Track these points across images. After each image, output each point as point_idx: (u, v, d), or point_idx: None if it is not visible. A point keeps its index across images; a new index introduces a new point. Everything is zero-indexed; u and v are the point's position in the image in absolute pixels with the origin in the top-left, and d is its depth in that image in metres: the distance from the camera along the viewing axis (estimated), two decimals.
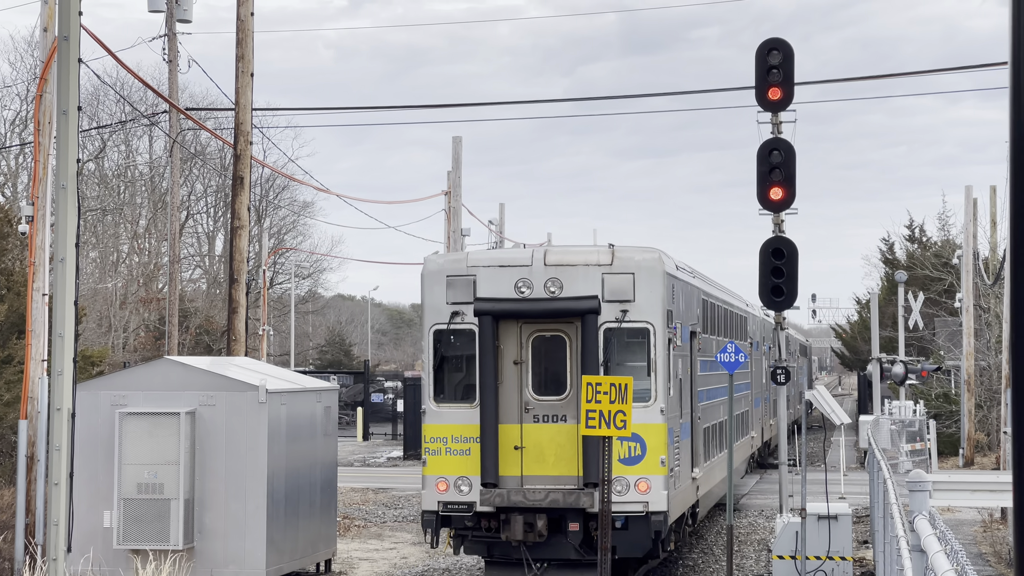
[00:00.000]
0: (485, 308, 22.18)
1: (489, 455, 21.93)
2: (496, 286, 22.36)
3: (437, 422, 22.62)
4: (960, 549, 7.74)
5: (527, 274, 22.33)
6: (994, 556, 27.57)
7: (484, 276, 22.47)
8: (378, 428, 68.84)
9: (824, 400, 27.07)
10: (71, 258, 16.47)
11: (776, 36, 22.62)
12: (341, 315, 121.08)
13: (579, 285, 22.25)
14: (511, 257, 22.95)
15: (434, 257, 23.64)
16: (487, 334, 22.17)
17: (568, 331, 22.55)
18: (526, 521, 21.90)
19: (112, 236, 72.25)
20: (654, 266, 22.59)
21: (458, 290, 22.50)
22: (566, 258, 22.54)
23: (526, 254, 22.91)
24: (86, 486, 21.74)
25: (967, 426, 50.59)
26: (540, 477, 22.19)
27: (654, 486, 22.12)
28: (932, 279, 66.87)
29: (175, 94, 39.00)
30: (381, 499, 39.09)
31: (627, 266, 22.37)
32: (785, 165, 22.36)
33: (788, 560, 24.16)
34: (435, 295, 22.67)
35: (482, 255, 23.80)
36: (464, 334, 22.59)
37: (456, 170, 36.96)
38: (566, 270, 22.36)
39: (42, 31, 24.19)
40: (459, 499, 22.22)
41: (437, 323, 22.65)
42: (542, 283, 22.27)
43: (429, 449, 22.72)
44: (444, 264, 22.97)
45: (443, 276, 22.69)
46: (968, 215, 52.74)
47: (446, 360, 22.91)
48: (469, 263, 22.78)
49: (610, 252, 22.46)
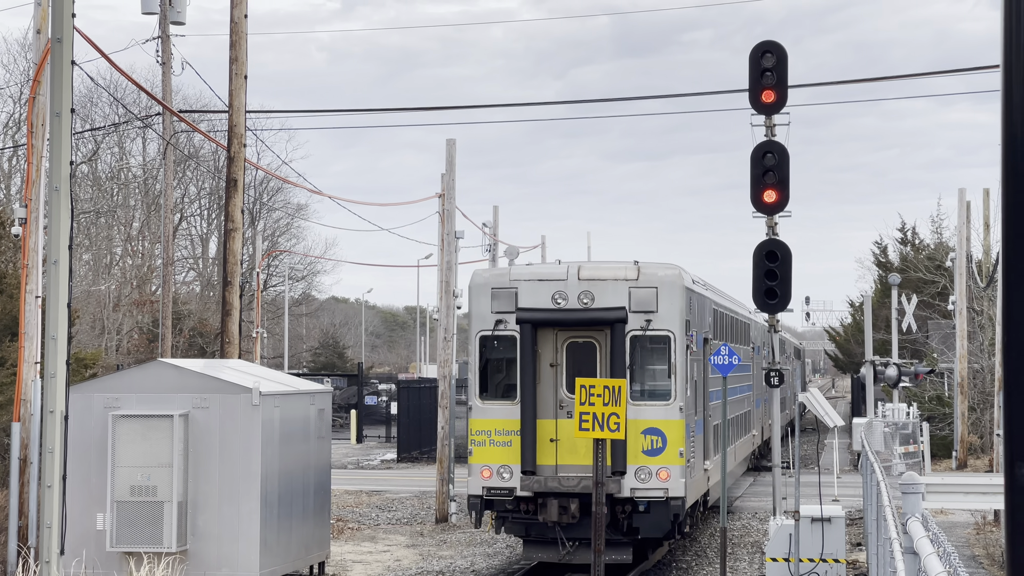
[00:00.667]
0: (526, 317, 25.22)
1: (528, 446, 24.97)
2: (535, 297, 25.40)
3: (482, 417, 25.77)
4: (953, 551, 7.75)
5: (563, 287, 25.39)
6: (987, 558, 27.59)
7: (525, 289, 25.55)
8: (372, 431, 68.82)
9: (817, 403, 27.07)
10: (64, 260, 16.46)
11: (769, 39, 22.64)
12: (335, 317, 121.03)
13: (608, 297, 25.24)
14: (548, 272, 25.86)
15: (480, 272, 26.63)
16: (527, 340, 25.22)
17: (598, 338, 25.47)
18: (560, 505, 24.86)
19: (105, 238, 72.19)
20: (675, 281, 25.57)
21: (502, 301, 25.55)
22: (597, 273, 25.53)
23: (562, 269, 25.71)
24: (79, 489, 21.71)
25: (960, 428, 50.63)
26: (573, 466, 25.04)
27: (673, 475, 25.00)
28: (925, 282, 66.92)
29: (168, 96, 38.97)
30: (375, 501, 39.07)
31: (651, 281, 25.41)
32: (779, 168, 22.37)
33: (782, 563, 24.17)
34: (481, 305, 25.75)
35: (523, 270, 26.70)
36: (506, 340, 25.63)
37: (450, 172, 36.95)
38: (597, 284, 25.38)
39: (35, 33, 24.17)
40: (501, 485, 25.30)
41: (483, 330, 25.74)
42: (576, 295, 25.33)
43: (475, 441, 25.86)
44: (489, 278, 26.04)
45: (488, 288, 25.76)
46: (961, 218, 52.79)
47: (490, 362, 26.00)
48: (511, 277, 25.89)
49: (636, 268, 25.50)
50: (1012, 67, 4.20)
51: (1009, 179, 4.34)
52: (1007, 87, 4.26)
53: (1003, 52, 4.25)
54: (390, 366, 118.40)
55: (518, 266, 28.58)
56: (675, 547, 30.56)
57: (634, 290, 25.39)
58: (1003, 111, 4.30)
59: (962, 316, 51.46)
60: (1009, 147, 4.28)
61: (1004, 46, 4.24)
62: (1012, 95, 4.24)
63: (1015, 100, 4.26)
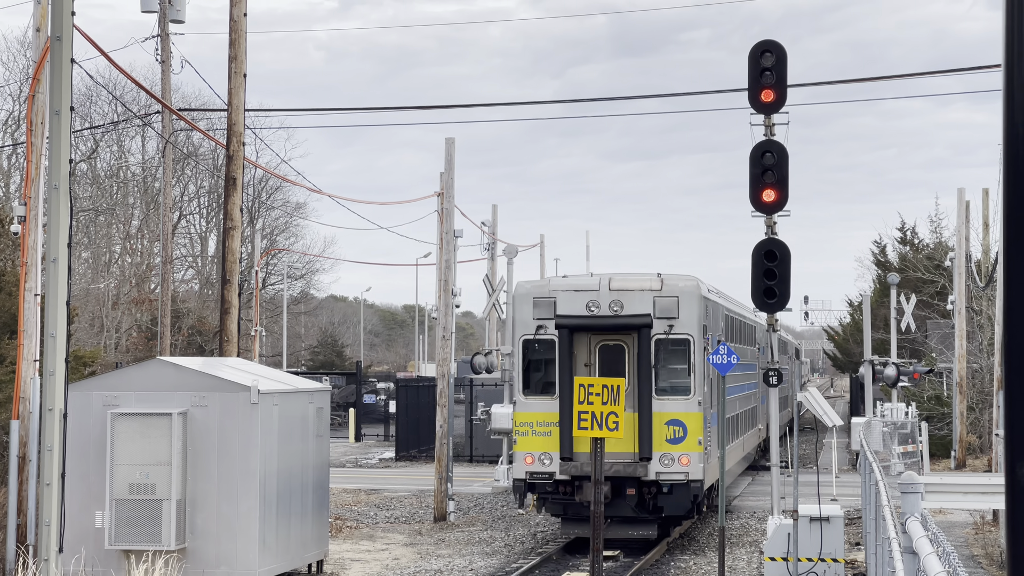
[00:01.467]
0: (563, 323, 28.43)
1: (566, 436, 27.78)
2: (571, 306, 28.58)
3: (525, 410, 28.87)
4: (952, 551, 7.75)
5: (596, 297, 28.58)
6: (986, 558, 27.59)
7: (562, 298, 28.76)
8: (370, 429, 68.80)
9: (816, 402, 27.07)
10: (63, 258, 16.45)
11: (768, 38, 22.60)
12: (333, 316, 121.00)
13: (635, 305, 28.49)
14: (583, 283, 28.92)
15: (523, 283, 29.97)
16: (564, 343, 28.46)
17: (627, 341, 28.68)
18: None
19: (104, 236, 72.18)
20: (693, 291, 28.83)
21: (542, 309, 28.80)
22: (625, 284, 28.76)
23: (595, 281, 28.94)
24: (78, 486, 21.71)
25: (959, 428, 50.63)
26: (607, 454, 26.68)
27: (693, 460, 28.27)
28: (924, 281, 66.91)
29: (168, 95, 38.96)
30: (373, 500, 39.06)
31: (672, 291, 28.73)
32: (778, 167, 22.35)
33: (780, 562, 24.17)
34: (524, 312, 28.98)
35: (561, 282, 29.54)
36: (546, 343, 28.86)
37: (449, 171, 36.94)
38: (625, 294, 28.62)
39: (35, 31, 24.14)
40: (542, 470, 28.49)
41: (525, 334, 28.96)
42: (607, 303, 28.58)
43: (518, 431, 28.91)
44: (531, 289, 29.35)
45: (530, 298, 28.99)
46: (961, 218, 52.78)
47: (532, 362, 29.09)
48: (551, 288, 29.14)
49: (659, 280, 28.87)
50: (1014, 66, 4.20)
51: (1010, 178, 4.34)
52: (1008, 87, 4.26)
53: (1004, 51, 4.24)
54: (389, 365, 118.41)
55: (556, 278, 30.97)
56: (673, 545, 30.58)
57: (658, 299, 28.61)
58: (1004, 111, 4.30)
59: (961, 316, 51.46)
60: (1011, 146, 4.27)
61: (1005, 44, 4.23)
62: (1013, 94, 4.24)
63: (1016, 100, 4.25)
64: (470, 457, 52.84)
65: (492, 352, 45.31)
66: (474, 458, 52.89)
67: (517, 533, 32.56)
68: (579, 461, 27.96)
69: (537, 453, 28.58)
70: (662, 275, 29.03)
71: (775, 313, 23.66)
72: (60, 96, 16.54)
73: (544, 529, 33.27)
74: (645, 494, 28.41)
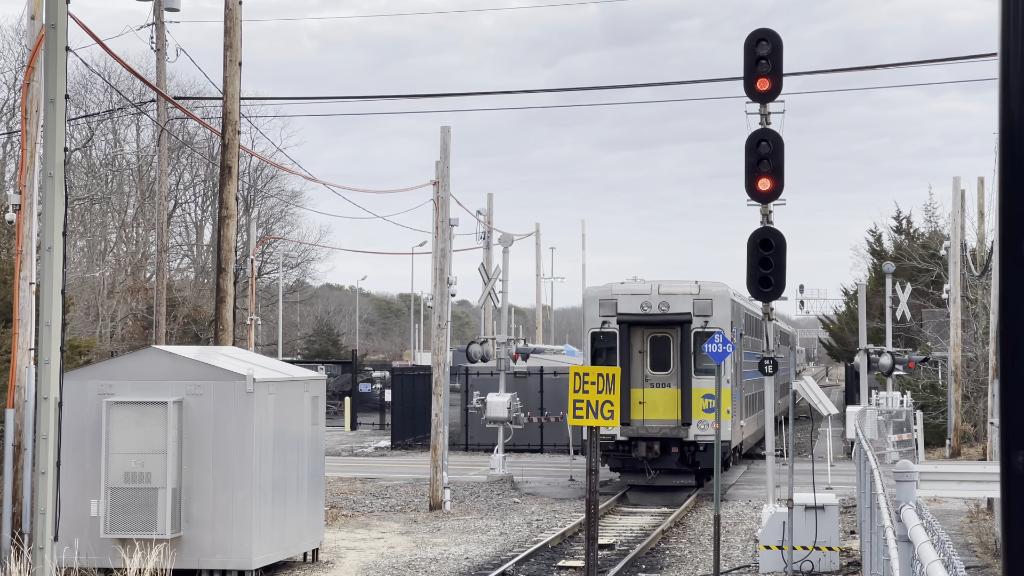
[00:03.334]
0: (623, 319, 36.73)
1: (624, 406, 34.54)
2: (629, 306, 36.79)
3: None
4: (947, 539, 7.75)
5: (648, 299, 36.85)
6: (980, 546, 27.63)
7: (622, 300, 36.85)
8: (366, 418, 68.81)
9: (811, 391, 27.07)
10: (58, 247, 16.44)
11: (764, 27, 22.54)
12: (329, 305, 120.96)
13: (679, 306, 36.69)
14: (638, 288, 37.24)
15: (591, 288, 38.64)
16: (624, 335, 36.71)
17: (672, 333, 36.79)
18: (647, 445, 36.48)
19: (100, 225, 72.10)
20: (723, 294, 37.02)
21: (606, 308, 36.93)
22: (671, 289, 36.96)
23: (647, 287, 37.19)
24: (73, 475, 21.71)
25: (954, 417, 50.67)
26: (654, 420, 36.80)
27: (723, 425, 34.10)
28: (920, 270, 66.91)
29: (163, 83, 38.91)
30: (368, 488, 39.08)
31: (707, 294, 36.83)
32: (773, 156, 22.34)
33: (775, 550, 24.20)
34: (592, 311, 37.23)
35: (620, 287, 37.55)
36: (609, 335, 36.94)
37: (444, 160, 36.90)
38: (671, 297, 36.80)
39: (29, 19, 24.09)
40: (605, 433, 35.39)
41: (593, 328, 37.15)
42: (657, 304, 36.79)
43: None
44: (597, 292, 37.55)
45: (597, 300, 37.22)
46: (956, 206, 52.79)
47: (598, 351, 37.03)
48: (612, 292, 37.19)
49: (697, 286, 36.96)
50: (1010, 53, 4.19)
51: (1005, 165, 4.34)
52: (1004, 74, 4.25)
53: (1000, 38, 4.24)
54: (384, 353, 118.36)
55: (617, 284, 38.16)
56: (668, 533, 30.63)
57: (696, 301, 36.65)
58: (1000, 98, 4.29)
59: (956, 304, 51.48)
60: (1007, 133, 4.27)
61: (1001, 32, 4.23)
62: (1010, 82, 4.23)
63: (1013, 87, 4.25)
64: (465, 446, 52.86)
65: (488, 341, 45.36)
66: (469, 447, 52.92)
67: (512, 521, 32.59)
68: (634, 426, 36.52)
69: None
70: (699, 282, 37.04)
71: (771, 302, 23.67)
72: (55, 84, 16.51)
73: (540, 518, 33.31)
74: (686, 452, 36.56)
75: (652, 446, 36.37)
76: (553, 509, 35.08)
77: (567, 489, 39.40)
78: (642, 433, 36.37)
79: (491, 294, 43.78)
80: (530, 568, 25.89)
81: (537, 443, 52.34)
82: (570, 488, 39.53)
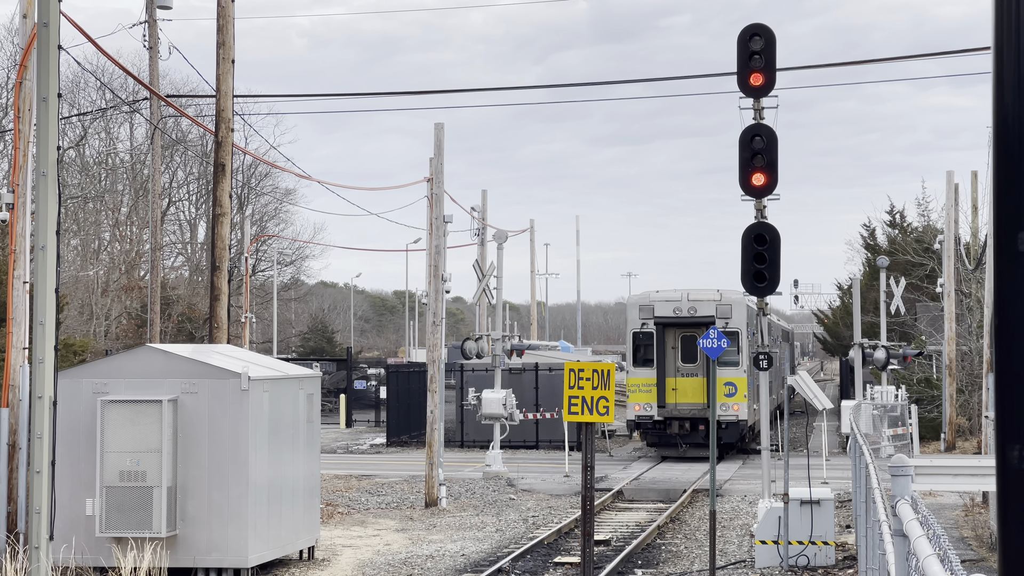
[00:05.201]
0: (659, 321, 45.18)
1: (660, 391, 45.03)
2: (663, 310, 45.21)
3: (635, 376, 45.72)
4: (942, 533, 7.75)
5: (679, 305, 45.11)
6: (976, 540, 27.65)
7: (658, 306, 45.28)
8: (361, 415, 68.77)
9: (806, 385, 27.09)
10: (52, 246, 16.41)
11: (757, 22, 22.52)
12: (324, 302, 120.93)
13: (704, 310, 44.78)
14: (671, 296, 45.39)
15: (633, 296, 48.32)
16: (659, 334, 45.20)
17: (698, 332, 41.36)
18: (679, 424, 45.00)
19: (93, 224, 72.04)
20: (740, 301, 44.32)
21: (644, 312, 45.47)
22: (698, 297, 45.20)
23: (678, 294, 45.32)
24: (68, 474, 21.68)
25: (949, 411, 50.70)
26: (685, 403, 45.06)
27: (741, 408, 44.54)
28: (914, 264, 66.94)
29: (156, 81, 38.86)
30: (364, 486, 39.06)
31: (727, 301, 44.82)
32: (767, 151, 22.33)
33: (771, 545, 24.21)
34: (633, 314, 45.90)
35: (656, 295, 45.98)
36: (647, 334, 45.44)
37: (438, 157, 36.88)
38: (697, 302, 44.98)
39: (21, 17, 24.04)
40: (646, 414, 45.17)
41: (634, 328, 45.65)
42: (686, 309, 45.04)
43: (630, 389, 45.92)
44: (638, 299, 46.57)
45: (638, 305, 45.94)
46: (949, 200, 52.81)
47: (638, 346, 45.58)
48: (650, 299, 45.71)
49: (719, 294, 45.06)
50: (1003, 48, 4.19)
51: (999, 159, 4.33)
52: (998, 69, 4.25)
53: (994, 33, 4.23)
54: (379, 351, 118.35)
55: (653, 292, 46.52)
56: (664, 529, 30.64)
57: (718, 306, 44.67)
58: (994, 93, 4.29)
59: (950, 298, 51.51)
60: (1000, 126, 4.26)
61: (995, 26, 4.22)
62: (1004, 76, 4.23)
63: (1007, 81, 4.24)
64: (461, 442, 52.85)
65: (482, 337, 45.35)
66: (465, 443, 52.91)
67: (508, 518, 32.59)
68: (668, 408, 45.00)
69: (642, 403, 45.21)
70: (720, 290, 45.28)
71: (765, 296, 23.67)
72: (47, 83, 16.48)
73: (535, 514, 33.31)
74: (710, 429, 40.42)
75: (683, 424, 44.78)
76: (549, 505, 35.08)
77: (563, 485, 39.41)
78: (675, 414, 45.00)
79: (486, 290, 43.76)
80: (526, 565, 25.89)
81: (532, 439, 52.34)
82: (566, 484, 39.55)
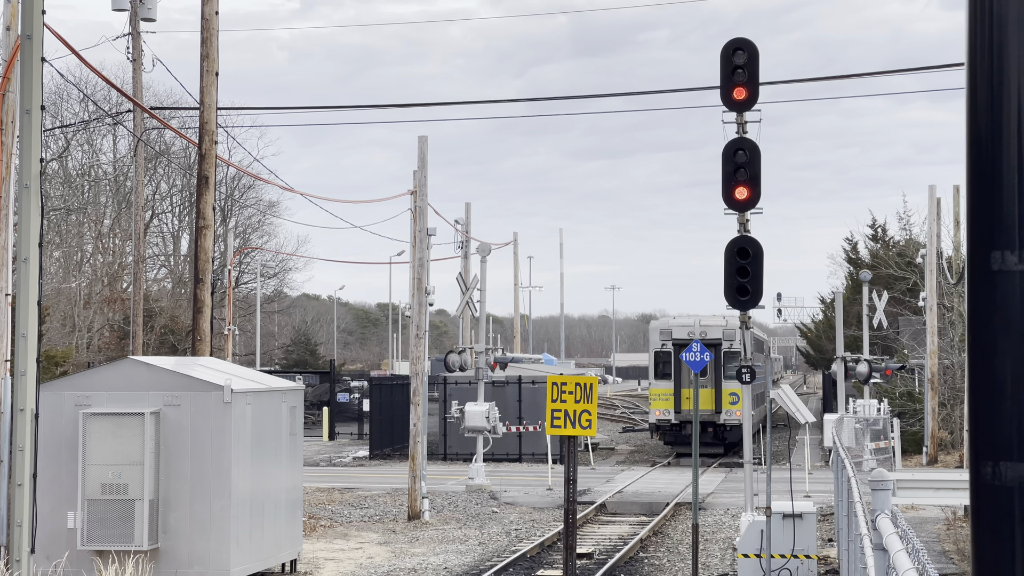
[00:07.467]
0: (676, 342, 52.54)
1: (677, 399, 52.86)
2: (680, 333, 52.80)
3: (656, 387, 53.81)
4: (921, 547, 7.79)
5: (692, 328, 52.45)
6: (957, 554, 27.71)
7: (675, 329, 53.57)
8: (344, 428, 68.69)
9: (789, 399, 27.14)
10: (34, 258, 16.40)
11: (740, 36, 22.59)
12: (307, 315, 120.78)
13: (713, 333, 52.46)
14: (686, 322, 53.87)
15: (654, 321, 57.46)
16: (676, 353, 50.83)
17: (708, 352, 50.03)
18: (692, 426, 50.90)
19: (76, 236, 71.90)
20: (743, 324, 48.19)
21: (664, 335, 53.80)
22: (708, 322, 53.40)
23: (692, 320, 53.89)
24: (50, 487, 21.63)
25: (931, 424, 50.83)
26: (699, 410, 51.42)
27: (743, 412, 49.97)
28: (896, 278, 67.12)
29: (139, 93, 38.85)
30: (347, 499, 39.02)
31: (732, 325, 50.86)
32: (750, 165, 22.38)
33: (753, 559, 24.23)
34: (655, 336, 54.35)
35: (673, 321, 55.36)
36: (666, 352, 53.36)
37: (422, 170, 36.91)
38: (708, 327, 52.77)
39: (4, 30, 24.02)
40: (665, 418, 53.25)
41: (656, 349, 53.91)
42: (698, 332, 51.58)
43: (651, 398, 54.29)
44: (658, 324, 55.35)
45: (658, 329, 54.55)
46: (931, 215, 53.00)
47: (658, 363, 53.71)
48: (668, 324, 54.63)
49: (725, 319, 52.43)
50: (976, 66, 4.23)
51: (972, 171, 4.37)
52: (971, 86, 4.29)
53: (967, 52, 4.27)
54: (362, 363, 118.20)
55: (670, 318, 56.49)
56: (646, 542, 30.66)
57: (724, 330, 52.46)
58: (968, 110, 4.33)
59: (932, 312, 51.67)
60: (974, 146, 4.30)
61: (968, 42, 4.26)
62: (977, 94, 4.27)
63: (980, 99, 4.28)
64: (444, 455, 52.82)
65: (466, 350, 45.33)
66: (448, 456, 52.89)
67: (491, 531, 32.58)
68: (683, 413, 52.48)
69: (662, 409, 53.10)
70: (726, 316, 51.48)
71: (748, 310, 23.70)
72: (31, 95, 16.48)
73: (518, 527, 33.31)
74: (718, 430, 53.01)
75: None
76: (532, 519, 35.08)
77: (546, 498, 39.41)
78: (689, 418, 50.95)
79: (469, 303, 43.79)
80: None
81: (516, 452, 52.34)
82: (549, 497, 39.55)
